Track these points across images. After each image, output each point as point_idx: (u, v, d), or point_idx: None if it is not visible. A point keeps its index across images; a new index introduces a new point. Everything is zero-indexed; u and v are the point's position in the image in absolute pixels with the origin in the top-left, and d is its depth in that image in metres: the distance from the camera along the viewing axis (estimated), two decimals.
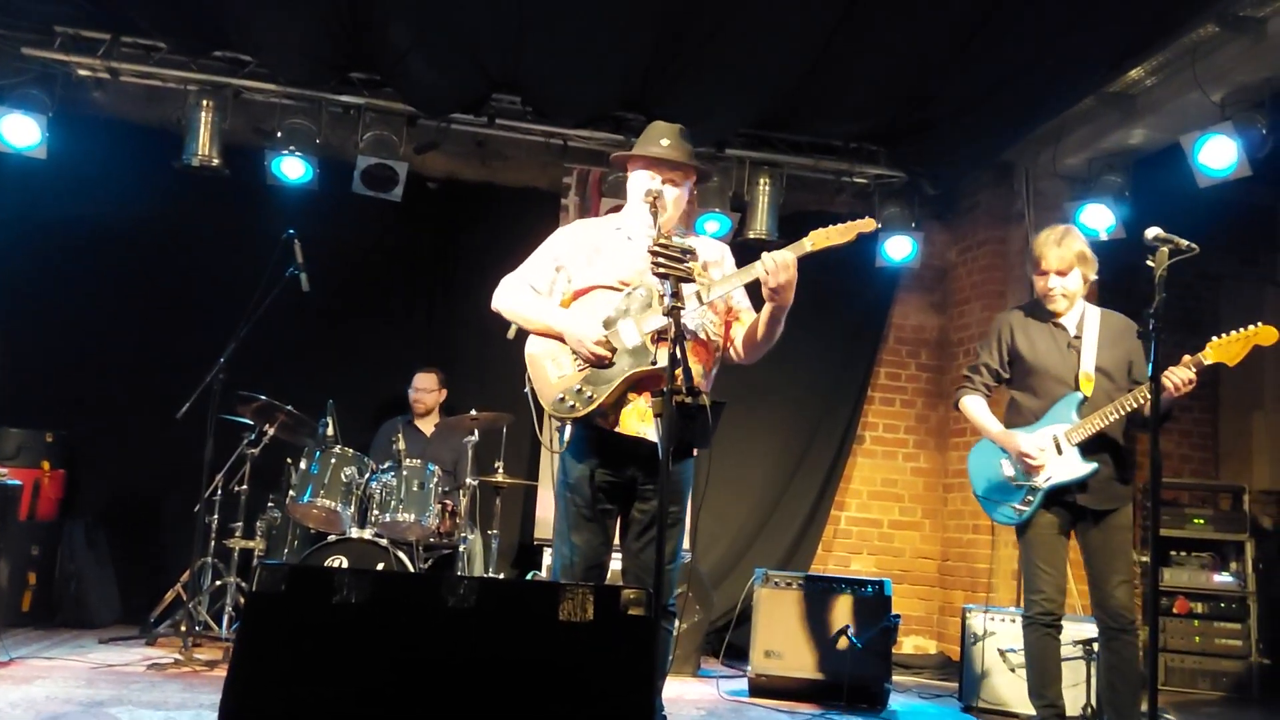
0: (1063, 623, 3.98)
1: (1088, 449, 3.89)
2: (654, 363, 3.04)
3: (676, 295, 2.76)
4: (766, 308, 3.18)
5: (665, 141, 3.33)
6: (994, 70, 5.55)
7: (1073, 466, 3.89)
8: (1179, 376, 3.68)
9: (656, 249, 2.84)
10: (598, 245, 3.34)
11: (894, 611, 5.32)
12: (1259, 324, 3.75)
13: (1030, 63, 5.40)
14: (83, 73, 6.15)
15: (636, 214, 3.36)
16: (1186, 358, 3.72)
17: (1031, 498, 3.94)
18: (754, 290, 3.24)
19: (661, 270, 2.81)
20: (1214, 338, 3.76)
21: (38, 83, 5.98)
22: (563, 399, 3.14)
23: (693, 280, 2.88)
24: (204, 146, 6.09)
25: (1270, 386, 7.31)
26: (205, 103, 6.10)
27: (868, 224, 3.13)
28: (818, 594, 5.32)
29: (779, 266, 3.03)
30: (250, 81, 6.25)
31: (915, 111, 6.28)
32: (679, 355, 2.68)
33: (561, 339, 3.22)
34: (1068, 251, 3.98)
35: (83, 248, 6.32)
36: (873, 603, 5.26)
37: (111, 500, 6.34)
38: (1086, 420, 3.88)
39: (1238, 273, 7.11)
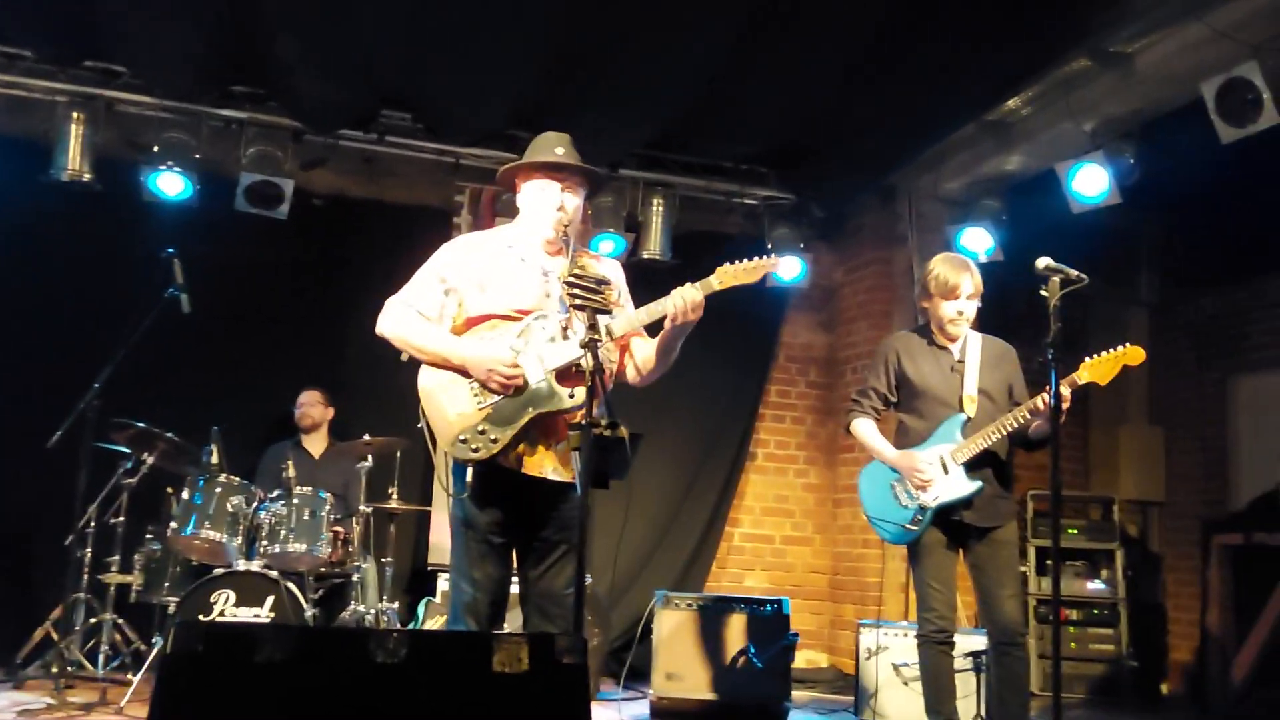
0: (955, 638, 4.09)
1: (972, 468, 4.00)
2: (562, 402, 2.99)
3: (593, 327, 2.73)
4: (666, 334, 3.17)
5: (561, 150, 3.25)
6: (878, 98, 5.71)
7: (959, 485, 3.99)
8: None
9: (572, 279, 2.80)
10: (490, 267, 3.20)
11: (791, 627, 5.40)
12: (1127, 345, 3.93)
13: (913, 91, 5.58)
14: None
15: (530, 230, 3.27)
16: (1062, 380, 3.87)
17: (921, 517, 4.03)
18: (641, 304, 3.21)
19: (578, 302, 2.77)
20: (1086, 358, 3.93)
21: None
22: (465, 440, 3.02)
23: (609, 311, 2.86)
24: (74, 160, 5.78)
25: (1135, 401, 7.69)
26: (75, 115, 5.80)
27: (773, 264, 3.13)
28: (717, 614, 5.35)
29: (688, 306, 3.03)
30: (124, 93, 5.97)
31: (803, 136, 6.42)
32: (596, 387, 2.65)
33: (462, 370, 3.08)
34: (977, 278, 4.11)
35: None
36: (772, 621, 5.32)
37: None
38: (970, 440, 4.00)
39: (1104, 293, 7.46)
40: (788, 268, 6.96)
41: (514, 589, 3.27)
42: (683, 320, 3.03)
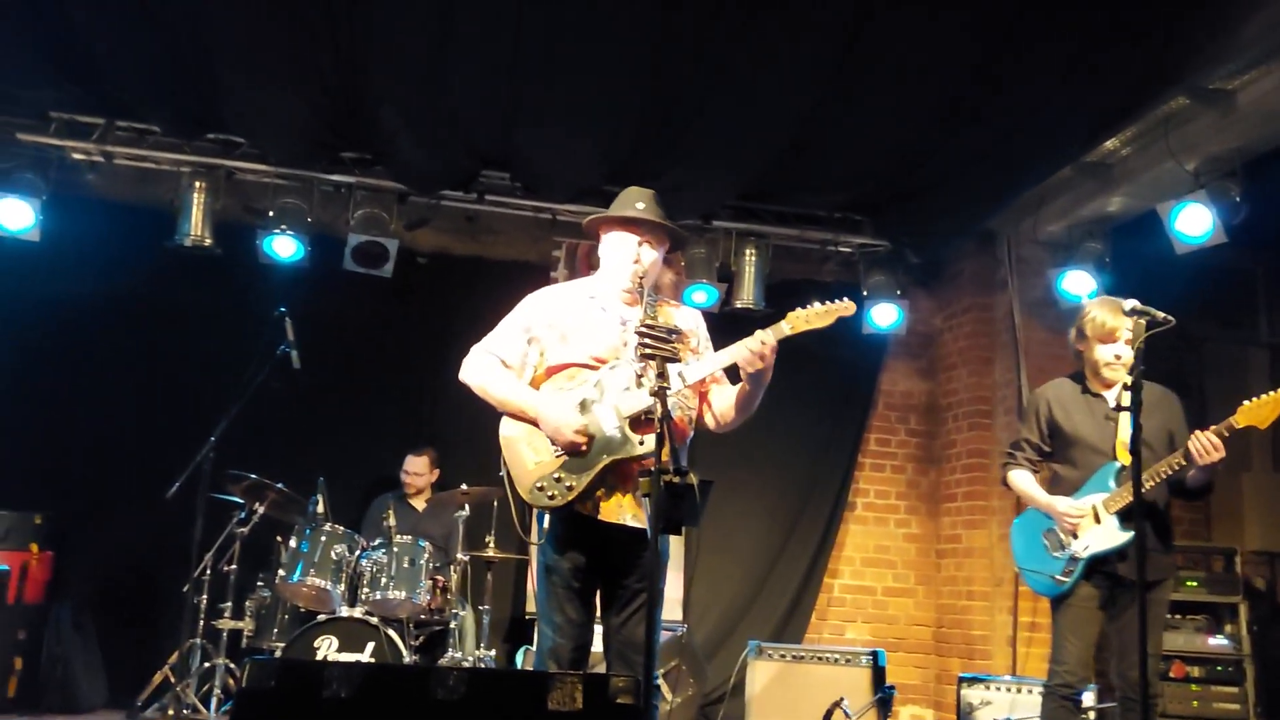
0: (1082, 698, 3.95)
1: (1127, 517, 3.87)
2: (634, 449, 3.05)
3: (663, 375, 2.79)
4: (744, 384, 3.21)
5: (641, 205, 3.35)
6: (974, 142, 5.67)
7: (1111, 535, 3.88)
8: (1201, 442, 3.71)
9: (643, 330, 2.87)
10: (571, 317, 3.31)
11: (889, 681, 5.29)
12: None
13: (1009, 135, 5.52)
14: (77, 156, 6.24)
15: (610, 281, 3.37)
16: (1214, 427, 3.74)
17: (1072, 568, 3.94)
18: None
19: (649, 351, 2.84)
20: (1245, 402, 3.78)
21: (33, 167, 6.06)
22: (541, 487, 3.11)
23: (679, 360, 2.92)
24: (196, 227, 6.15)
25: (1258, 448, 7.35)
26: (198, 184, 6.19)
27: (847, 308, 3.16)
28: (811, 666, 5.28)
29: (758, 353, 3.07)
30: (242, 162, 6.34)
31: (897, 182, 6.39)
32: (665, 435, 2.70)
33: (535, 423, 3.17)
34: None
35: (74, 328, 6.34)
36: (867, 674, 5.22)
37: (99, 581, 6.26)
38: (1124, 488, 3.87)
39: (1219, 336, 7.18)
40: (884, 315, 6.92)
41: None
42: (753, 368, 3.07)
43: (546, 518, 3.15)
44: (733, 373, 3.29)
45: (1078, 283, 6.40)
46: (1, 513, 5.90)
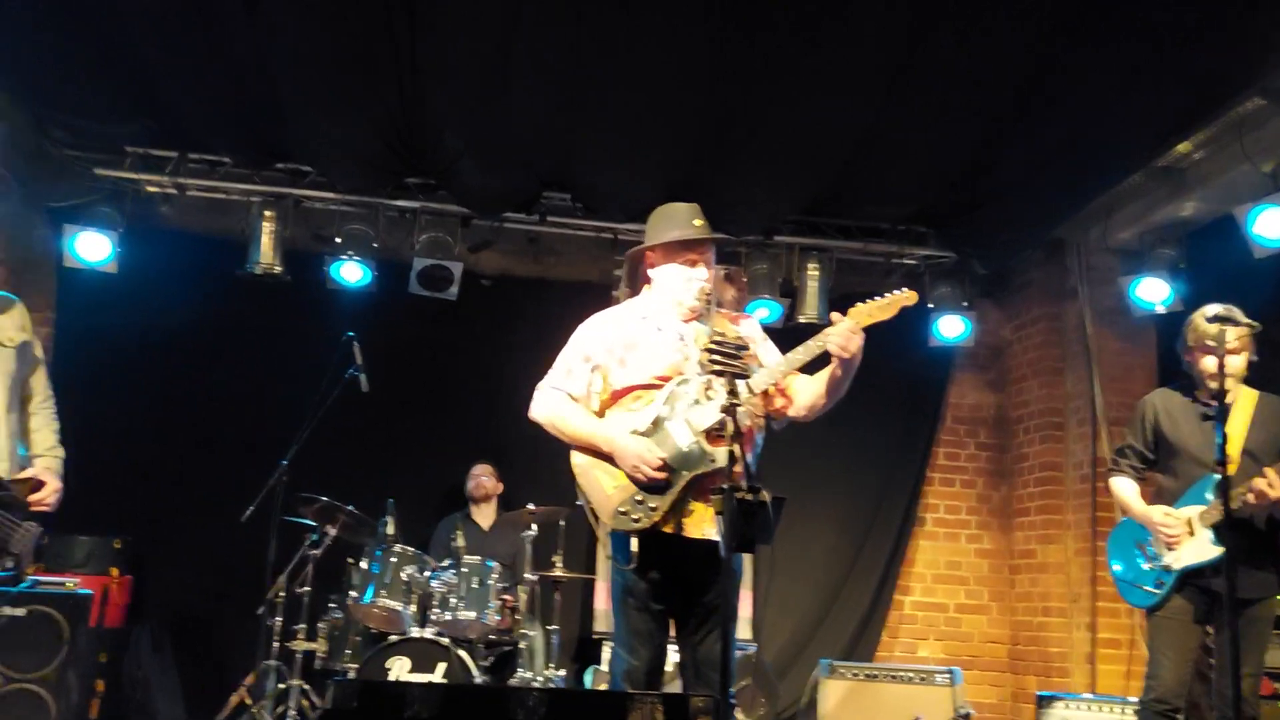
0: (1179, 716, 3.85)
1: (1221, 531, 3.76)
2: (713, 462, 3.03)
3: (733, 392, 2.77)
4: (835, 366, 3.18)
5: (697, 222, 3.33)
6: (1039, 149, 5.59)
7: (1203, 549, 3.80)
8: (1258, 484, 3.65)
9: (712, 346, 2.86)
10: (629, 341, 3.31)
11: (965, 700, 5.19)
12: None
13: (1075, 141, 5.44)
14: (151, 189, 6.41)
15: (667, 301, 3.36)
16: None
17: (1164, 580, 3.88)
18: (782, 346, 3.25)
19: (718, 367, 2.83)
20: None
21: (109, 200, 6.25)
22: (624, 511, 3.09)
23: (748, 375, 2.90)
24: (266, 255, 6.29)
25: None
26: (267, 213, 6.33)
27: (909, 297, 3.12)
28: (885, 684, 5.20)
29: (849, 338, 3.04)
30: (310, 191, 6.47)
31: (962, 192, 6.31)
32: (738, 452, 2.68)
33: (610, 458, 3.15)
34: (1243, 330, 3.88)
35: (150, 356, 6.49)
36: (943, 693, 5.13)
37: (177, 604, 6.39)
38: (1218, 502, 3.74)
39: None
40: (950, 327, 6.83)
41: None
42: (848, 355, 3.05)
43: (631, 540, 3.11)
44: (807, 365, 3.26)
45: (1151, 290, 6.25)
46: (82, 538, 6.02)
